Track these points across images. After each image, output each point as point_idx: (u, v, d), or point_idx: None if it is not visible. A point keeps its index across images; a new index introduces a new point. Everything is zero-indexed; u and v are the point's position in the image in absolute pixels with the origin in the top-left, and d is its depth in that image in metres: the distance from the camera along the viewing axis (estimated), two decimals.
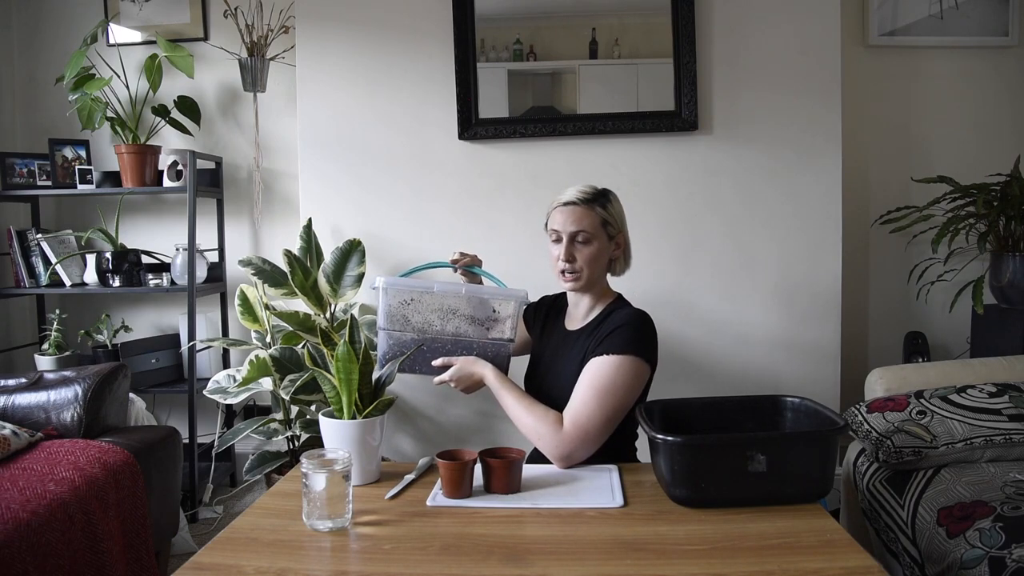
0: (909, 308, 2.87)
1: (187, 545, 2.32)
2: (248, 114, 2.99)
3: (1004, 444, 1.65)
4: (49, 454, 1.82)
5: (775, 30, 2.53)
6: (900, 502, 1.63)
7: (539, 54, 2.60)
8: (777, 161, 2.54)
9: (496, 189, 2.61)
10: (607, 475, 1.43)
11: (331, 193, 2.66)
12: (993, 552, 1.31)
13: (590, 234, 1.62)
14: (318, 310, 2.30)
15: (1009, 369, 1.95)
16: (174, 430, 2.18)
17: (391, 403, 1.49)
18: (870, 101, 2.85)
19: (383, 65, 2.62)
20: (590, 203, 1.64)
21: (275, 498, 1.39)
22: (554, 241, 1.66)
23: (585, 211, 1.63)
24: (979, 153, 2.79)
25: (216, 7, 2.96)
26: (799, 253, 2.55)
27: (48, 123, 3.08)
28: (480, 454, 1.38)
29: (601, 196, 1.67)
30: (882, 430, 1.73)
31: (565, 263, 1.63)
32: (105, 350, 2.81)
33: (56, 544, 1.54)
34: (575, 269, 1.63)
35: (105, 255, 2.80)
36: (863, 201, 2.85)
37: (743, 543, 1.13)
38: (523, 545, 1.15)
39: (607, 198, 1.67)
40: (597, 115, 2.56)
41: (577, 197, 1.64)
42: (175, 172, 2.80)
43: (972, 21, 2.79)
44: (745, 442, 1.28)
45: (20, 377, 2.12)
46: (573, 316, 1.74)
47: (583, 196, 1.64)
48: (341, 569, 1.13)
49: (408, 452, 2.67)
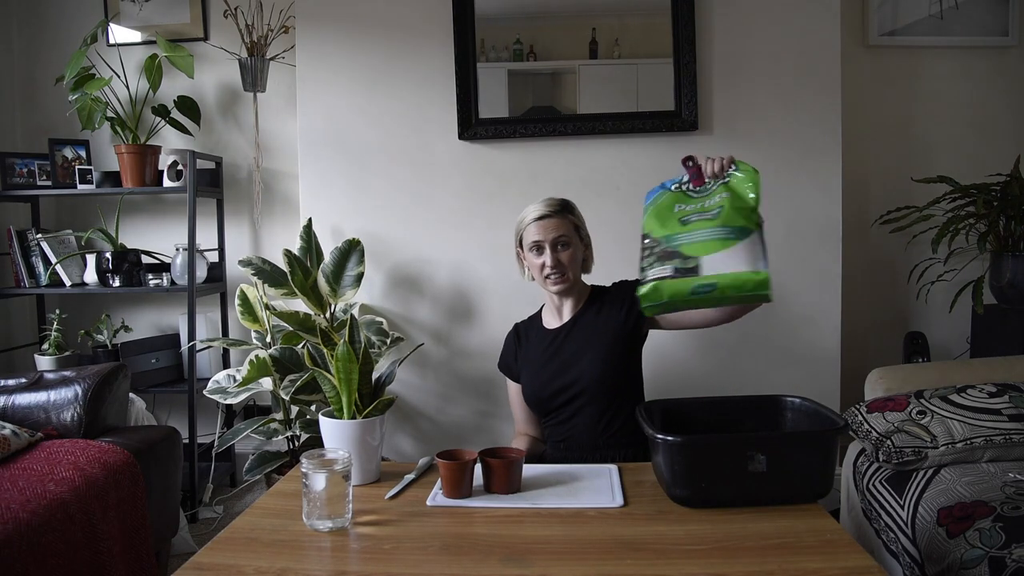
0: (909, 308, 2.87)
1: (187, 545, 2.31)
2: (248, 114, 2.99)
3: (1004, 444, 1.64)
4: (49, 454, 1.81)
5: (775, 30, 2.52)
6: (900, 502, 1.63)
7: (539, 54, 2.60)
8: (777, 161, 2.54)
9: (496, 189, 2.61)
10: (607, 475, 1.44)
11: (331, 193, 2.66)
12: (993, 552, 1.31)
13: (568, 238, 1.79)
14: (318, 310, 2.30)
15: (1009, 369, 1.95)
16: (174, 430, 2.18)
17: (391, 403, 1.49)
18: (870, 101, 2.85)
19: (383, 65, 2.62)
20: (561, 213, 1.80)
21: (275, 498, 1.39)
22: (535, 252, 1.79)
23: (560, 220, 1.79)
24: (979, 153, 2.78)
25: (216, 7, 2.96)
26: (799, 253, 2.55)
27: (48, 123, 3.08)
28: (480, 454, 1.38)
29: (568, 205, 1.84)
30: (882, 430, 1.73)
31: (553, 268, 1.76)
32: (105, 350, 2.81)
33: (56, 544, 1.54)
34: (563, 271, 1.77)
35: (105, 255, 2.80)
36: (863, 201, 2.85)
37: (743, 543, 1.13)
38: (523, 545, 1.15)
39: (572, 207, 1.84)
40: (597, 115, 2.56)
41: (549, 210, 1.79)
42: (175, 172, 2.80)
43: (972, 21, 2.79)
44: (745, 442, 1.28)
45: (20, 377, 2.11)
46: (557, 316, 1.88)
47: (554, 207, 1.80)
48: (341, 569, 1.13)
49: (408, 452, 2.67)
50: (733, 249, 1.37)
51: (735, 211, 1.42)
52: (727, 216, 1.41)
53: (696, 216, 1.46)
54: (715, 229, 1.40)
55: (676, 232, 1.45)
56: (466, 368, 2.63)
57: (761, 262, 1.36)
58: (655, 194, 1.57)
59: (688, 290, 1.38)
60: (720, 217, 1.42)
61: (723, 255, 1.37)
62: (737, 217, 1.41)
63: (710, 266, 1.37)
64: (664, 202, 1.54)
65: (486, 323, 2.60)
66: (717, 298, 1.38)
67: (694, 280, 1.37)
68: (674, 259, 1.41)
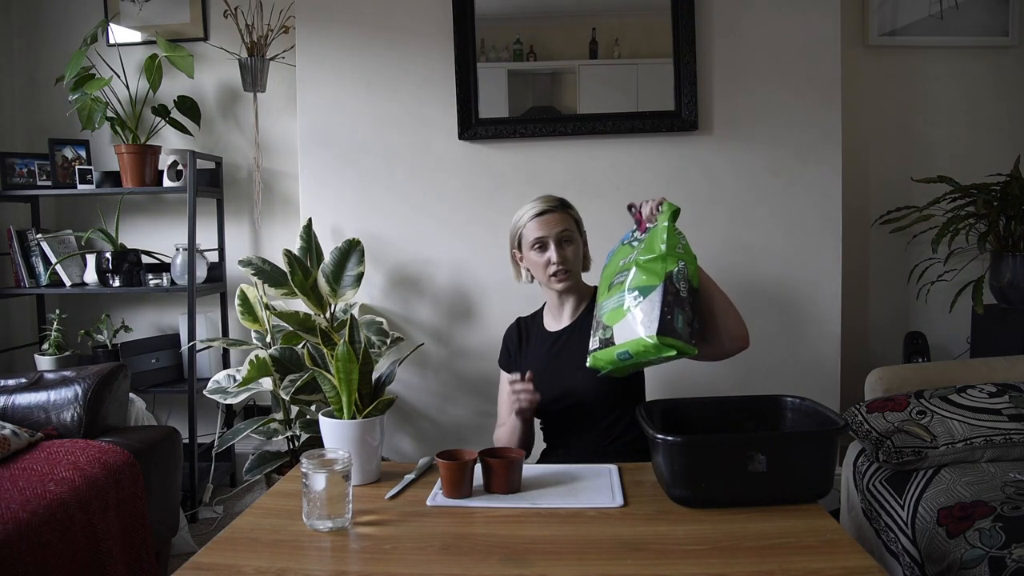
0: (909, 308, 2.87)
1: (187, 545, 2.32)
2: (248, 114, 2.99)
3: (1004, 444, 1.65)
4: (49, 454, 1.81)
5: (775, 30, 2.53)
6: (900, 502, 1.63)
7: (539, 54, 2.60)
8: (777, 161, 2.54)
9: (496, 189, 2.61)
10: (607, 475, 1.44)
11: (331, 193, 2.66)
12: (993, 552, 1.31)
13: (571, 233, 1.76)
14: (318, 310, 2.30)
15: (1009, 369, 1.95)
16: (174, 430, 2.18)
17: (391, 403, 1.49)
18: (870, 101, 2.85)
19: (383, 65, 2.62)
20: (561, 208, 1.78)
21: (275, 498, 1.39)
22: (538, 249, 1.75)
23: (561, 215, 1.76)
24: (979, 153, 2.78)
25: (216, 7, 2.96)
26: (799, 253, 2.55)
27: (48, 123, 3.08)
28: (480, 454, 1.38)
29: (565, 202, 1.81)
30: (882, 430, 1.73)
31: (558, 264, 1.72)
32: (105, 350, 2.81)
33: (56, 544, 1.54)
34: (567, 268, 1.73)
35: (105, 255, 2.80)
36: (863, 201, 2.85)
37: (743, 543, 1.13)
38: (523, 545, 1.15)
39: (569, 203, 1.81)
40: (597, 115, 2.56)
41: (549, 205, 1.77)
42: (175, 172, 2.80)
43: (972, 21, 2.79)
44: (745, 442, 1.28)
45: (20, 377, 2.11)
46: (558, 317, 1.84)
47: (554, 203, 1.78)
48: (341, 569, 1.13)
49: (408, 452, 2.67)
50: (633, 313, 1.39)
51: (641, 269, 1.44)
52: (634, 277, 1.44)
53: (617, 278, 1.50)
54: (622, 294, 1.44)
55: (603, 299, 1.50)
56: (466, 368, 2.63)
57: (653, 325, 1.35)
58: (612, 251, 1.64)
59: (613, 357, 1.42)
60: (628, 280, 1.44)
61: (625, 323, 1.40)
62: (641, 275, 1.43)
63: (620, 335, 1.41)
64: (613, 261, 1.60)
65: (486, 323, 2.60)
66: (642, 363, 1.42)
67: (613, 349, 1.41)
68: (599, 329, 1.47)
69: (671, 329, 1.36)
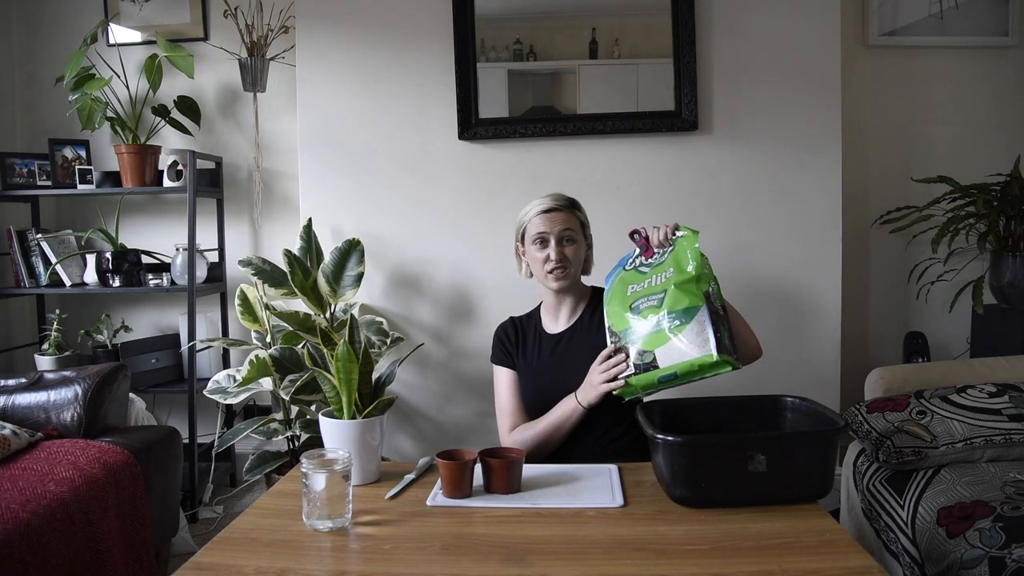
0: (909, 308, 2.87)
1: (187, 545, 2.32)
2: (248, 114, 2.99)
3: (1004, 444, 1.65)
4: (49, 454, 1.81)
5: (775, 30, 2.53)
6: (900, 502, 1.63)
7: (539, 54, 2.60)
8: (777, 161, 2.54)
9: (496, 189, 2.61)
10: (607, 475, 1.44)
11: (331, 193, 2.66)
12: (993, 552, 1.31)
13: (574, 233, 1.76)
14: (318, 310, 2.30)
15: (1009, 369, 1.95)
16: (174, 430, 2.18)
17: (391, 403, 1.49)
18: (870, 101, 2.85)
19: (383, 65, 2.62)
20: (569, 208, 1.78)
21: (275, 498, 1.39)
22: (539, 245, 1.76)
23: (567, 214, 1.77)
24: (979, 153, 2.79)
25: (216, 7, 2.96)
26: (799, 253, 2.55)
27: (48, 123, 3.08)
28: (480, 454, 1.38)
29: (574, 202, 1.81)
30: (882, 430, 1.73)
31: (556, 262, 1.73)
32: (105, 350, 2.81)
33: (56, 544, 1.54)
34: (566, 266, 1.74)
35: (105, 255, 2.80)
36: (863, 201, 2.85)
37: (743, 543, 1.13)
38: (523, 545, 1.15)
39: (579, 204, 1.82)
40: (597, 115, 2.56)
41: (557, 203, 1.77)
42: (175, 172, 2.80)
43: (972, 21, 2.79)
44: (745, 442, 1.28)
45: (20, 377, 2.12)
46: (556, 318, 1.83)
47: (562, 201, 1.78)
48: (341, 569, 1.13)
49: (408, 452, 2.67)
50: (680, 336, 1.42)
51: (678, 291, 1.46)
52: (671, 300, 1.45)
53: (644, 302, 1.50)
54: (662, 317, 1.45)
55: (629, 325, 1.50)
56: (466, 368, 2.63)
57: (710, 343, 1.39)
58: (612, 276, 1.65)
59: (655, 381, 1.46)
60: (665, 302, 1.46)
61: (671, 346, 1.43)
62: (681, 298, 1.45)
63: (664, 358, 1.43)
64: (618, 287, 1.60)
65: (486, 323, 2.60)
66: (684, 381, 1.45)
67: (656, 373, 1.44)
68: (634, 355, 1.48)
69: (723, 346, 1.41)
